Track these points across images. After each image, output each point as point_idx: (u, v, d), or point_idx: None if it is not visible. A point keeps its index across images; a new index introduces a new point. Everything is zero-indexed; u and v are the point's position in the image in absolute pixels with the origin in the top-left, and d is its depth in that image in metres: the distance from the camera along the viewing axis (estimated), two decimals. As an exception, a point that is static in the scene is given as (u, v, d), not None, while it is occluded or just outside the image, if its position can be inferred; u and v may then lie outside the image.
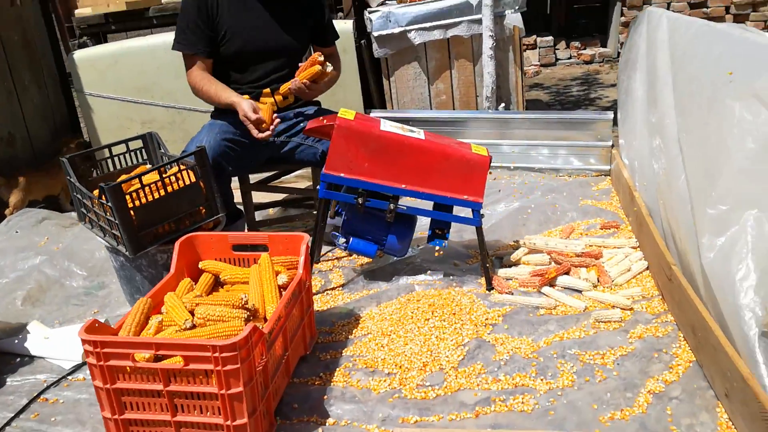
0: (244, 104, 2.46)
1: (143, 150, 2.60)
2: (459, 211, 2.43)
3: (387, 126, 2.33)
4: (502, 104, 3.52)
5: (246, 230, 2.98)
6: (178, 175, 2.24)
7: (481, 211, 2.37)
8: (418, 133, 2.35)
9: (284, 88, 2.59)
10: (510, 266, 2.56)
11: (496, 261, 2.65)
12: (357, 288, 2.54)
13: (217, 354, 1.52)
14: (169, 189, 2.22)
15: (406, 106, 3.62)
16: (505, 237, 2.82)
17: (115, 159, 2.55)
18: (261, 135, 2.44)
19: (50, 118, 3.71)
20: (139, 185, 2.15)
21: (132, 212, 2.14)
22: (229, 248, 2.17)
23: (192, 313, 1.80)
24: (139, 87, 3.55)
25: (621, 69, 3.09)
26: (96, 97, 3.55)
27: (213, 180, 2.33)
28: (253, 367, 1.60)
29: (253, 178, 3.30)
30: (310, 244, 2.17)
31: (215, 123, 2.68)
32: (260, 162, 2.81)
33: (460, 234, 2.86)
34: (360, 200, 2.33)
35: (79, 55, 3.54)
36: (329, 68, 2.49)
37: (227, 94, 2.53)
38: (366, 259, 2.71)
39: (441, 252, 2.44)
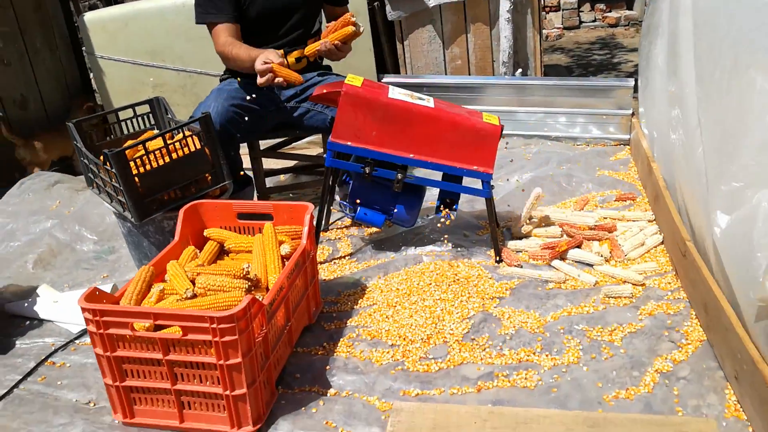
0: (267, 51, 2.41)
1: (150, 115, 2.58)
2: (469, 182, 2.37)
3: (395, 93, 2.27)
4: (520, 69, 3.41)
5: (255, 197, 2.96)
6: (183, 141, 2.21)
7: (493, 182, 2.31)
8: (428, 101, 2.29)
9: (312, 49, 2.53)
10: (520, 238, 2.51)
11: (506, 232, 2.60)
12: (365, 257, 2.51)
13: (215, 325, 1.51)
14: (174, 156, 2.19)
15: (420, 71, 3.54)
16: (517, 208, 2.76)
17: (123, 124, 2.53)
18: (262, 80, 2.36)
19: (62, 80, 3.70)
20: (143, 151, 2.13)
21: (136, 179, 2.12)
22: (234, 216, 2.15)
23: (193, 282, 1.79)
24: (150, 50, 3.50)
25: (643, 34, 2.97)
26: (107, 60, 3.51)
27: (219, 147, 2.30)
28: (252, 338, 1.59)
29: (264, 144, 3.26)
30: (315, 214, 2.14)
31: (223, 88, 2.64)
32: (269, 128, 2.77)
33: (472, 204, 2.81)
34: (367, 169, 2.29)
35: (89, 16, 3.50)
36: (362, 28, 2.44)
37: (256, 51, 2.45)
38: (375, 229, 2.68)
39: (449, 222, 2.40)
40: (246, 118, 2.58)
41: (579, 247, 2.38)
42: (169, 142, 2.18)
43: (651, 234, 2.40)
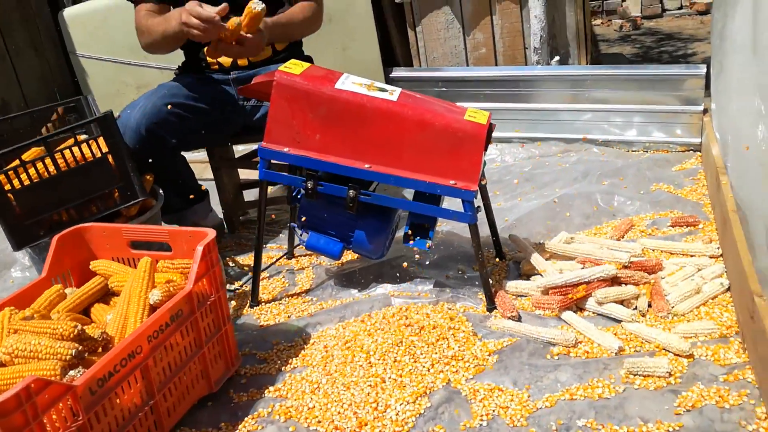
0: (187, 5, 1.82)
1: (75, 118, 2.15)
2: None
3: (347, 83, 1.70)
4: (557, 57, 2.75)
5: (221, 215, 2.48)
6: (75, 150, 1.75)
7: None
8: (391, 93, 1.70)
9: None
10: (529, 276, 1.87)
11: (512, 267, 1.96)
12: (323, 296, 1.95)
13: (-35, 423, 1.01)
14: (64, 166, 1.73)
15: (437, 63, 2.94)
16: (535, 234, 2.11)
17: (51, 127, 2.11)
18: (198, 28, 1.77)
19: (50, 82, 3.38)
20: (18, 162, 1.69)
21: (11, 195, 1.68)
22: (126, 244, 1.66)
23: (12, 342, 1.30)
24: (132, 46, 3.09)
25: (716, 4, 2.23)
26: (87, 59, 3.16)
27: (128, 155, 1.81)
28: (42, 440, 1.07)
29: (240, 150, 2.80)
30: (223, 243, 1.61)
31: (165, 83, 2.17)
32: (229, 133, 2.27)
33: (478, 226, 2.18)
34: (310, 185, 1.73)
35: (68, 12, 3.16)
36: (259, 7, 1.82)
37: (176, 13, 1.89)
38: (349, 256, 2.12)
39: (428, 251, 1.80)
40: (188, 121, 2.09)
41: (606, 292, 1.71)
42: (57, 149, 1.73)
43: (712, 277, 1.69)
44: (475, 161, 1.64)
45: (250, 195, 2.73)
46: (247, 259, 2.28)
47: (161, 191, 2.08)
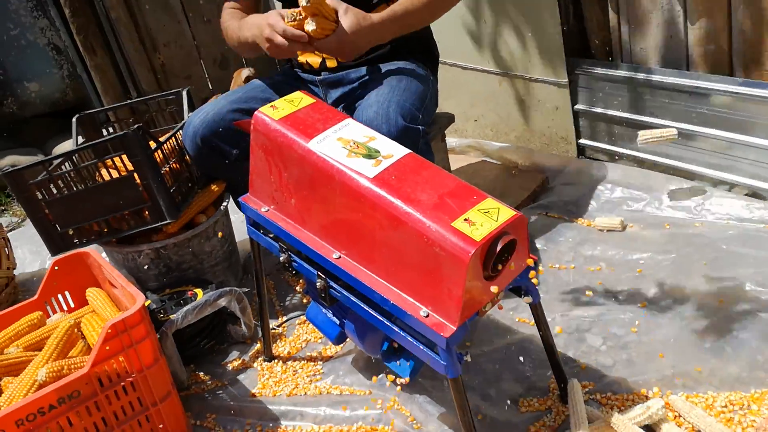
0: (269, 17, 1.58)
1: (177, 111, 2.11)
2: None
3: (328, 141, 1.24)
4: (825, 73, 1.67)
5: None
6: (106, 163, 1.69)
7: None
8: (377, 163, 1.19)
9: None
10: (571, 451, 1.24)
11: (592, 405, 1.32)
12: (333, 372, 1.63)
13: None
14: (89, 182, 1.69)
15: (645, 58, 2.05)
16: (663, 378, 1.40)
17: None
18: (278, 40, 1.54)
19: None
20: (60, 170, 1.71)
21: (44, 205, 1.71)
22: (108, 281, 1.57)
23: None
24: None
25: None
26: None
27: (154, 173, 1.67)
28: None
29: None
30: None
31: (250, 83, 1.96)
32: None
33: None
34: (283, 257, 1.37)
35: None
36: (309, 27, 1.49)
37: (251, 20, 1.70)
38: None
39: (404, 382, 1.31)
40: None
41: None
42: (84, 163, 1.69)
43: None
44: (456, 290, 1.07)
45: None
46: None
47: (224, 204, 1.93)
